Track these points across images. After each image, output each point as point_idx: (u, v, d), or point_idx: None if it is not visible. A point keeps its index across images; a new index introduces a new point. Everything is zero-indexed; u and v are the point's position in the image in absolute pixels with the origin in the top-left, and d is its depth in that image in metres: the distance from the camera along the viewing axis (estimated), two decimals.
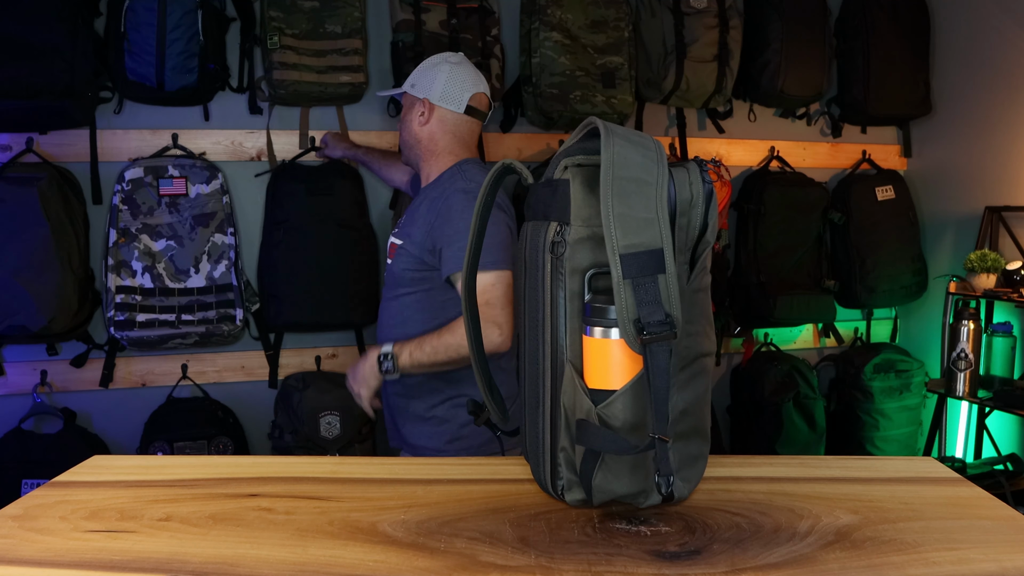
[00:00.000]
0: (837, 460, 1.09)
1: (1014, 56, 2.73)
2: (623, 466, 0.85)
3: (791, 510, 0.90)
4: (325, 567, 0.76)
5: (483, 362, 1.08)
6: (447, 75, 1.84)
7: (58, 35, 2.11)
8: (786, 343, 3.11)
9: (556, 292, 0.87)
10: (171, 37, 2.20)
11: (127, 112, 2.38)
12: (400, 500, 0.93)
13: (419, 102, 1.85)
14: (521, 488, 0.97)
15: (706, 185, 0.87)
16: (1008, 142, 2.76)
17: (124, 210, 2.25)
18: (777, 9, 2.74)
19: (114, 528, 0.84)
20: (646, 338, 0.78)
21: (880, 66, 2.89)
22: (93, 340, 2.37)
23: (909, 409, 2.97)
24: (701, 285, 0.90)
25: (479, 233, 1.05)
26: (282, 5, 2.29)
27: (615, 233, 0.79)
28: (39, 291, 2.14)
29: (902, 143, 3.20)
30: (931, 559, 0.78)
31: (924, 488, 0.97)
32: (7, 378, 2.35)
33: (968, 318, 2.56)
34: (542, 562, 0.77)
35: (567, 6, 2.48)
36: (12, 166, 2.23)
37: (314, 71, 2.32)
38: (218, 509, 0.90)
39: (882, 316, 3.24)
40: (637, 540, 0.82)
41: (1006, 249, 2.73)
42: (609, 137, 0.82)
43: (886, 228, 2.96)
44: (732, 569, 0.76)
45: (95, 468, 1.03)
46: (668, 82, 2.61)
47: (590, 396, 0.84)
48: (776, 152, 3.01)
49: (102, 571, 0.75)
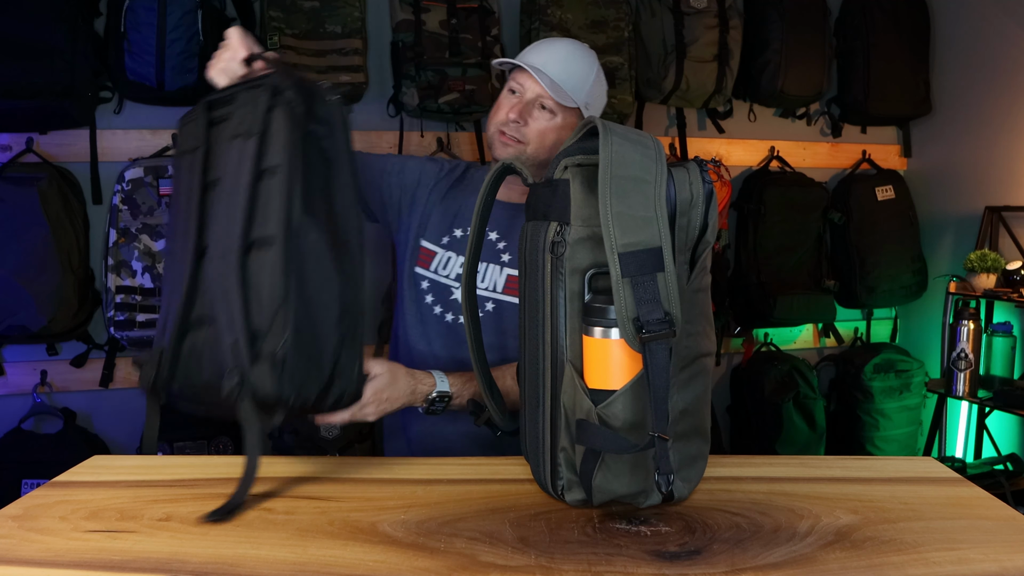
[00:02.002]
0: (837, 460, 1.09)
1: (1014, 56, 2.73)
2: (623, 466, 0.85)
3: (791, 510, 0.90)
4: (325, 567, 0.76)
5: (483, 362, 1.08)
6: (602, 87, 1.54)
7: (58, 35, 2.11)
8: (786, 343, 3.11)
9: (556, 292, 0.87)
10: (171, 37, 2.20)
11: (127, 112, 2.38)
12: (400, 500, 0.93)
13: (576, 114, 1.48)
14: (521, 488, 0.97)
15: (706, 185, 0.87)
16: (1008, 142, 2.76)
17: (124, 210, 2.25)
18: (777, 9, 2.74)
19: (114, 528, 0.84)
20: (645, 336, 0.78)
21: (880, 66, 2.89)
22: (93, 340, 2.37)
23: (909, 409, 2.97)
24: (701, 285, 0.90)
25: (479, 232, 1.05)
26: (282, 5, 2.29)
27: (614, 232, 0.79)
28: (39, 291, 2.14)
29: (902, 143, 3.20)
30: (931, 559, 0.78)
31: (924, 488, 0.97)
32: (7, 378, 2.35)
33: (968, 318, 2.56)
34: (542, 562, 0.77)
35: (567, 6, 2.48)
36: (12, 166, 2.22)
37: (314, 71, 2.31)
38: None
39: (882, 316, 3.24)
40: (637, 540, 0.82)
41: (1006, 249, 2.73)
42: (608, 136, 0.82)
43: (886, 228, 2.96)
44: (732, 569, 0.76)
45: (95, 468, 1.03)
46: (668, 82, 2.61)
47: (590, 396, 0.84)
48: (776, 152, 3.01)
49: (102, 571, 0.75)
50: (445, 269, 1.47)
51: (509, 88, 1.47)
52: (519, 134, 1.43)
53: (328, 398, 0.97)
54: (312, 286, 0.94)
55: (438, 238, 1.50)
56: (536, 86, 1.42)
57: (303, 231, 0.94)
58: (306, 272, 0.93)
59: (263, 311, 0.91)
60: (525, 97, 1.44)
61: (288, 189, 0.93)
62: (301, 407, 0.94)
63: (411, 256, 1.50)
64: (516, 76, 1.46)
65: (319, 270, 0.95)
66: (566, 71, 1.44)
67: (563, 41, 1.51)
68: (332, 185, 0.99)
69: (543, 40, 1.54)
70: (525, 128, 1.43)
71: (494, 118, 1.47)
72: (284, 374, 0.89)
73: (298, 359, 0.91)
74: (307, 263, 0.94)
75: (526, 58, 1.46)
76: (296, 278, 0.92)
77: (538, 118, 1.43)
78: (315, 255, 0.95)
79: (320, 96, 1.00)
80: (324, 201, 0.98)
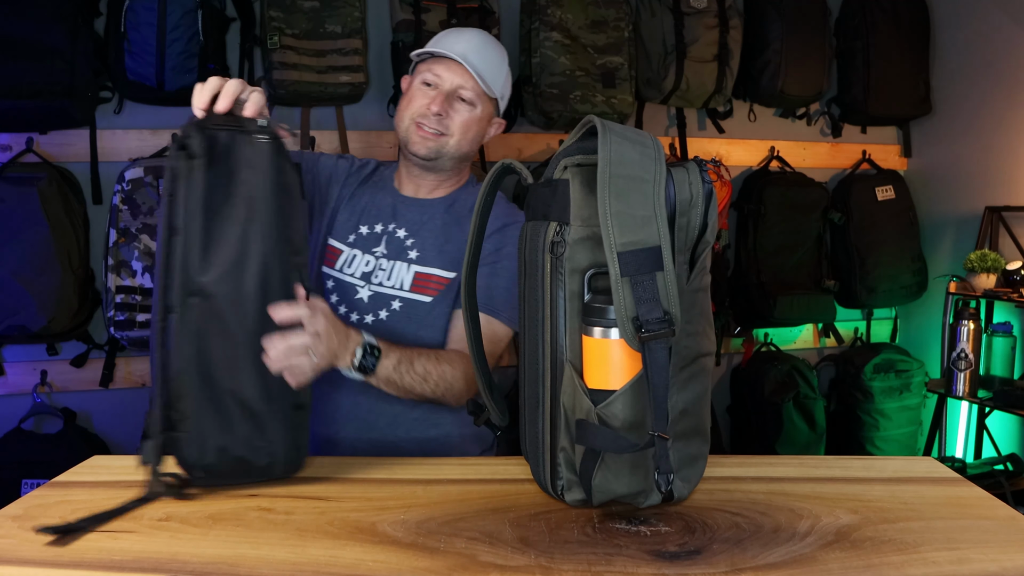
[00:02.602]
0: (837, 460, 1.09)
1: (1014, 56, 2.73)
2: (623, 466, 0.85)
3: (791, 510, 0.89)
4: (325, 567, 0.76)
5: (483, 362, 1.07)
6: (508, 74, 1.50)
7: (58, 35, 2.11)
8: (786, 343, 3.11)
9: (556, 292, 0.87)
10: (171, 37, 2.21)
11: (127, 112, 2.38)
12: (400, 500, 0.93)
13: (494, 105, 1.46)
14: (521, 488, 0.97)
15: (706, 185, 0.87)
16: (1008, 142, 2.76)
17: (124, 210, 2.25)
18: (777, 9, 2.74)
19: (114, 528, 0.84)
20: (644, 335, 0.78)
21: (880, 66, 2.89)
22: (93, 340, 2.37)
23: (909, 409, 2.97)
24: (701, 285, 0.90)
25: (479, 232, 1.05)
26: (282, 5, 2.29)
27: (612, 231, 0.79)
28: (39, 291, 2.14)
29: (902, 143, 3.20)
30: (931, 559, 0.78)
31: (924, 488, 0.97)
32: (7, 378, 2.35)
33: (968, 318, 2.56)
34: (542, 562, 0.77)
35: (567, 6, 2.48)
36: (12, 166, 2.23)
37: (314, 71, 2.32)
38: (218, 509, 0.90)
39: (882, 316, 3.24)
40: (637, 540, 0.82)
41: (1006, 249, 2.73)
42: (606, 135, 0.82)
43: (886, 228, 2.96)
44: (732, 569, 0.76)
45: (95, 468, 1.03)
46: (668, 82, 2.61)
47: (590, 396, 0.84)
48: (776, 152, 3.01)
49: (102, 571, 0.75)
50: (350, 268, 1.41)
51: (423, 80, 1.39)
52: (441, 126, 1.37)
53: (248, 465, 0.96)
54: (217, 352, 0.94)
55: (344, 236, 1.44)
56: (455, 77, 1.37)
57: (204, 293, 0.94)
58: (210, 337, 0.94)
59: (171, 379, 0.93)
60: (443, 88, 1.38)
61: (184, 251, 0.93)
62: (218, 474, 0.95)
63: (319, 256, 1.44)
64: (431, 67, 1.39)
65: (224, 334, 0.94)
66: (486, 60, 1.40)
67: (473, 31, 1.46)
68: (249, 233, 0.96)
69: (452, 30, 1.48)
70: (448, 120, 1.37)
71: (406, 111, 1.39)
72: (189, 442, 0.92)
73: (204, 426, 0.93)
74: (211, 326, 0.94)
75: (444, 47, 1.39)
76: (196, 345, 0.93)
77: (460, 110, 1.38)
78: (218, 318, 0.94)
79: (243, 140, 0.98)
80: (238, 252, 0.95)
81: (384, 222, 1.43)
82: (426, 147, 1.37)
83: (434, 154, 1.39)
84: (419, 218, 1.43)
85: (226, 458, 0.94)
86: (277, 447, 0.97)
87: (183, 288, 0.93)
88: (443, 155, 1.40)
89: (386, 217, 1.44)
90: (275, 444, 0.97)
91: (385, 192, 1.47)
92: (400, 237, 1.41)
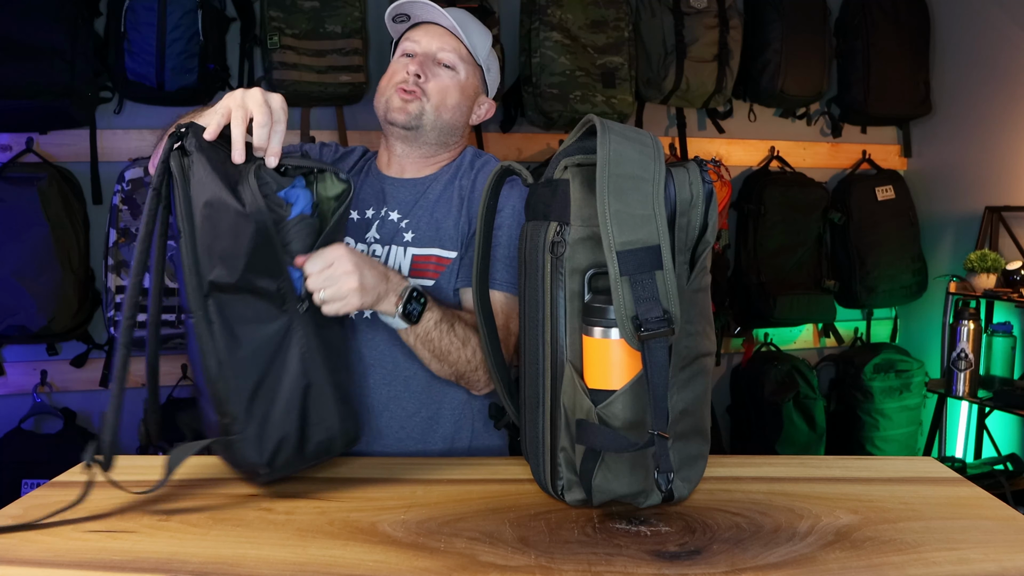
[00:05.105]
0: (837, 460, 1.09)
1: (1014, 56, 2.73)
2: (623, 466, 0.85)
3: (791, 510, 0.89)
4: (325, 567, 0.76)
5: (502, 366, 1.07)
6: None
7: (58, 35, 2.11)
8: (786, 343, 3.11)
9: (556, 292, 0.87)
10: (171, 37, 2.21)
11: (127, 112, 2.38)
12: (400, 500, 0.93)
13: (479, 77, 1.40)
14: (521, 488, 0.97)
15: (706, 185, 0.87)
16: (1008, 142, 2.76)
17: (124, 210, 2.25)
18: (777, 9, 2.74)
19: (114, 528, 0.84)
20: (644, 335, 0.78)
21: (880, 66, 2.89)
22: (93, 340, 2.37)
23: (909, 409, 2.97)
24: (701, 285, 0.90)
25: (485, 237, 1.05)
26: (282, 5, 2.29)
27: (612, 230, 0.79)
28: (39, 291, 2.14)
29: (902, 143, 3.19)
30: (931, 559, 0.78)
31: (924, 488, 0.97)
32: (7, 378, 2.35)
33: (968, 318, 2.56)
34: (542, 562, 0.77)
35: (567, 6, 2.48)
36: (12, 166, 2.22)
37: (314, 71, 2.32)
38: (218, 509, 0.90)
39: (882, 316, 3.24)
40: (637, 540, 0.82)
41: (1006, 249, 2.73)
42: (605, 134, 0.82)
43: (886, 228, 2.96)
44: (732, 569, 0.76)
45: (95, 468, 1.03)
46: (668, 82, 2.61)
47: (590, 396, 0.84)
48: (776, 152, 3.01)
49: (102, 571, 0.75)
50: None
51: (403, 52, 1.36)
52: (419, 87, 1.31)
53: (307, 448, 0.95)
54: (244, 349, 0.93)
55: None
56: (433, 40, 1.33)
57: (220, 287, 0.93)
58: (236, 334, 0.93)
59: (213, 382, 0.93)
60: (420, 51, 1.33)
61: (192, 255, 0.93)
62: (283, 465, 0.94)
63: None
64: (410, 36, 1.36)
65: (246, 332, 0.94)
66: (466, 25, 1.35)
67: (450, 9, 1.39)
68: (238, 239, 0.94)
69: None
70: (426, 84, 1.31)
71: (387, 84, 1.34)
72: (245, 443, 0.92)
73: (250, 425, 0.92)
74: (235, 326, 0.93)
75: (422, 9, 1.34)
76: (224, 343, 0.93)
77: (439, 74, 1.32)
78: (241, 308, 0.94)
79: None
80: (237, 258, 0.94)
81: (375, 207, 1.36)
82: (405, 112, 1.30)
83: (414, 121, 1.31)
84: (410, 198, 1.34)
85: (287, 447, 0.93)
86: (332, 421, 0.96)
87: (197, 291, 0.93)
88: (423, 123, 1.32)
89: (376, 201, 1.36)
90: (329, 419, 0.96)
91: (372, 176, 1.41)
92: (393, 220, 1.33)
